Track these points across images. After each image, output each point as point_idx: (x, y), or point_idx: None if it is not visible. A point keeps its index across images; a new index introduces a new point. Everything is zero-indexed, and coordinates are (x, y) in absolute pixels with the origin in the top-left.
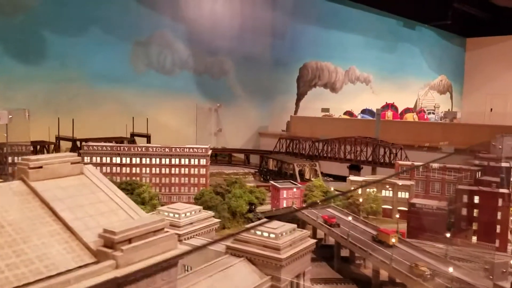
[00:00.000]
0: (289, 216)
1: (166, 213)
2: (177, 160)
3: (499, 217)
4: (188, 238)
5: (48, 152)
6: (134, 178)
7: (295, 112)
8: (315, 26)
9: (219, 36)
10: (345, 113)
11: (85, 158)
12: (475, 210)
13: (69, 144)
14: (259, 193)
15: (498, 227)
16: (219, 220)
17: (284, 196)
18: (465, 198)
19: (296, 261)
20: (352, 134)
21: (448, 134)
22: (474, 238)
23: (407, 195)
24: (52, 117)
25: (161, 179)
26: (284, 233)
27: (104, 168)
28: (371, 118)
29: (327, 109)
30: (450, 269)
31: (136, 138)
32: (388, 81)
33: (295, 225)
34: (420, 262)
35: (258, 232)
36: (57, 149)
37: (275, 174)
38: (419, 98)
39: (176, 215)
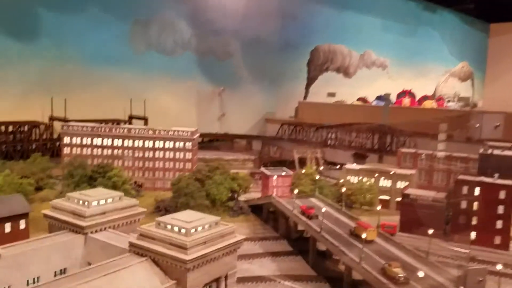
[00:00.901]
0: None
1: (75, 200)
2: (161, 143)
3: (500, 211)
4: (96, 231)
5: (40, 132)
6: (116, 161)
7: (305, 97)
8: (329, 7)
9: (224, 16)
10: (358, 100)
11: (65, 138)
12: (475, 203)
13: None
14: (242, 180)
15: (499, 222)
16: (145, 209)
17: (274, 183)
18: (464, 190)
19: (213, 262)
20: (364, 121)
21: (466, 123)
22: (473, 234)
23: (407, 185)
24: (45, 97)
25: (144, 162)
26: (198, 228)
27: (84, 149)
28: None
29: (334, 93)
30: (420, 274)
31: (134, 121)
32: (406, 66)
33: (218, 218)
34: (395, 262)
35: (169, 226)
36: (48, 129)
37: (275, 161)
38: (438, 85)
39: (82, 203)
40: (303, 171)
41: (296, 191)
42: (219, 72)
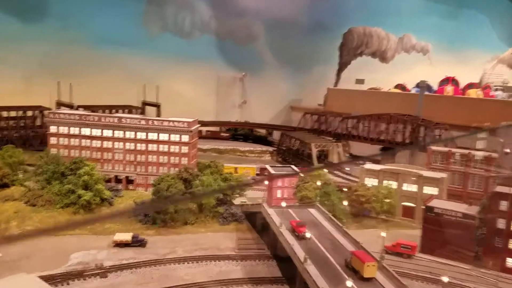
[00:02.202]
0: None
1: None
2: (155, 135)
3: None
4: None
5: (43, 117)
6: (105, 153)
7: (335, 84)
8: None
9: None
10: (396, 87)
11: (51, 127)
12: None
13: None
14: (235, 181)
15: None
16: None
17: (279, 184)
18: (503, 205)
19: None
20: (400, 111)
21: None
22: (511, 261)
23: (436, 190)
24: (53, 81)
25: (136, 156)
26: None
27: (72, 140)
28: (427, 93)
29: (362, 80)
30: None
31: (147, 109)
32: (450, 52)
33: None
34: None
35: None
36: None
37: (292, 154)
38: (485, 72)
39: None
40: (314, 172)
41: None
42: (240, 57)
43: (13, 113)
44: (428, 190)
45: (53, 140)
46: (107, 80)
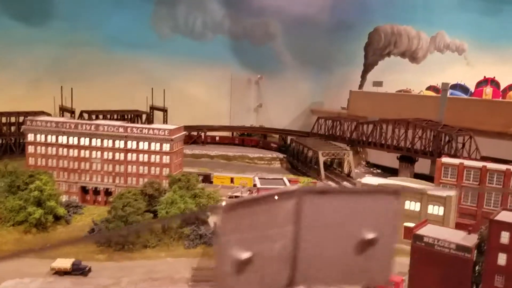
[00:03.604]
0: None
1: None
2: (134, 143)
3: None
4: None
5: None
6: (82, 162)
7: (360, 86)
8: None
9: None
10: (428, 89)
11: (29, 135)
12: None
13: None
14: (207, 198)
15: None
16: None
17: None
18: (504, 237)
19: None
20: (429, 115)
21: None
22: None
23: (441, 210)
24: (58, 86)
25: (115, 166)
26: None
27: (49, 149)
28: (464, 96)
29: (380, 82)
30: None
31: (155, 113)
32: (488, 50)
33: None
34: None
35: None
36: None
37: (301, 162)
38: None
39: None
40: (299, 184)
41: None
42: (256, 58)
43: (13, 119)
44: (434, 209)
45: (31, 149)
46: (117, 84)
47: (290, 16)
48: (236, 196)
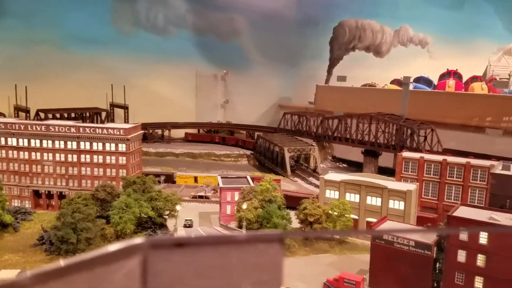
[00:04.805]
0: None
1: None
2: (88, 144)
3: None
4: None
5: None
6: (33, 165)
7: (326, 81)
8: None
9: None
10: (392, 82)
11: None
12: (480, 257)
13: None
14: (164, 201)
15: None
16: None
17: (228, 199)
18: (463, 234)
19: None
20: (393, 109)
21: None
22: None
23: (402, 205)
24: (13, 85)
25: (68, 169)
26: None
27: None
28: (427, 89)
29: (344, 77)
30: None
31: (116, 111)
32: (451, 43)
33: None
34: None
35: None
36: None
37: (268, 158)
38: (490, 64)
39: None
40: (259, 184)
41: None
42: (222, 54)
43: None
44: (395, 204)
45: None
46: (76, 82)
47: (256, 11)
48: (200, 196)
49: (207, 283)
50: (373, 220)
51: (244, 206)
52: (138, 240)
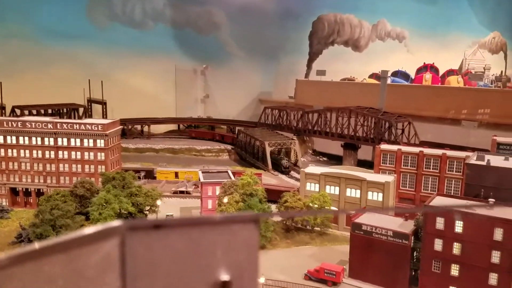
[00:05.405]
0: None
1: None
2: (65, 140)
3: (495, 260)
4: None
5: None
6: (10, 162)
7: (306, 75)
8: None
9: None
10: (370, 76)
11: None
12: (456, 245)
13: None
14: (144, 196)
15: (495, 276)
16: None
17: (209, 193)
18: (439, 223)
19: None
20: (372, 103)
21: (492, 103)
22: None
23: (380, 196)
24: None
25: (45, 165)
26: None
27: None
28: (405, 83)
29: (323, 71)
30: None
31: (94, 107)
32: (428, 38)
33: None
34: None
35: None
36: None
37: (249, 153)
38: (465, 58)
39: None
40: (240, 179)
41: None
42: (201, 48)
43: None
44: (373, 195)
45: None
46: (52, 77)
47: (235, 4)
48: (181, 192)
49: (184, 264)
50: (353, 212)
51: (225, 200)
52: (115, 222)
